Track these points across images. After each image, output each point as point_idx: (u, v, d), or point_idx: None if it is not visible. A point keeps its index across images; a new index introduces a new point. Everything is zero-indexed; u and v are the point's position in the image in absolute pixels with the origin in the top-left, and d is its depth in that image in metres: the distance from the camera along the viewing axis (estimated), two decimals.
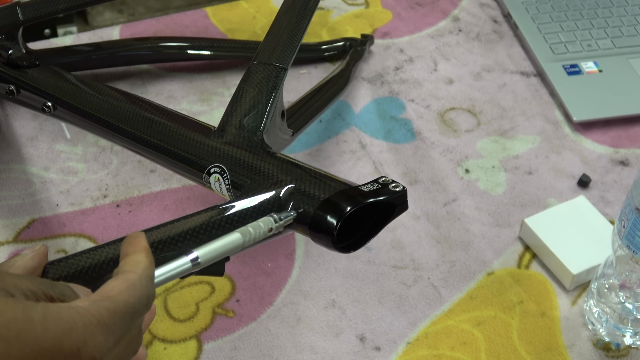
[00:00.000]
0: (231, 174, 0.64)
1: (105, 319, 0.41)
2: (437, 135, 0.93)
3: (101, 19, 1.92)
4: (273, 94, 0.71)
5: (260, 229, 0.55)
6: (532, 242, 0.81)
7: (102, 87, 0.79)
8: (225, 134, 0.68)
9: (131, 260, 0.46)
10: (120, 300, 0.43)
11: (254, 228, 0.54)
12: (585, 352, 0.74)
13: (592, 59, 1.02)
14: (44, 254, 0.48)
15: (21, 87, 0.81)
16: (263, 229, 0.55)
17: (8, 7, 0.81)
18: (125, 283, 0.44)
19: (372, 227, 0.60)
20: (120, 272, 0.45)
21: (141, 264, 0.46)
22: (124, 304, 0.43)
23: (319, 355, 0.73)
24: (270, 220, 0.56)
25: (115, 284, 0.44)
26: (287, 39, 0.75)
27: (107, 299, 0.42)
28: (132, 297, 0.43)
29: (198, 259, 0.50)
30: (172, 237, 0.54)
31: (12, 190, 0.85)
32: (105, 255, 0.52)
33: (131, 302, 0.43)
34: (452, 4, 1.11)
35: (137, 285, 0.44)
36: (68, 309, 0.40)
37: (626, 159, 0.92)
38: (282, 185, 0.60)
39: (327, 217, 0.57)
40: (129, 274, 0.45)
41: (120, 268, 0.46)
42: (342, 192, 0.59)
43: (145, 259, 0.46)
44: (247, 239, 0.54)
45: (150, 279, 0.46)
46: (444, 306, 0.77)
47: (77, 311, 0.40)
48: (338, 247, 0.58)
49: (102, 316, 0.41)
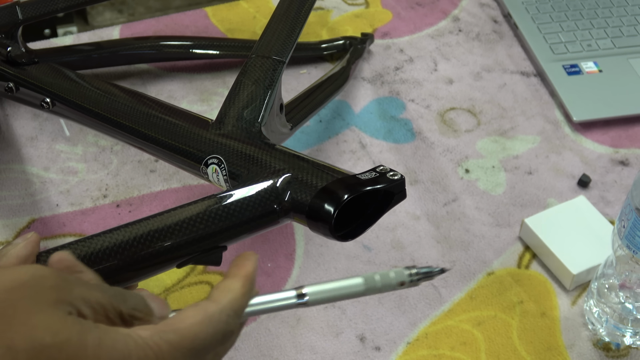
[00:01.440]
0: (229, 164, 0.64)
1: (165, 355, 0.38)
2: (437, 135, 0.93)
3: (101, 19, 1.92)
4: (271, 87, 0.71)
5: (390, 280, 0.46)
6: (532, 242, 0.81)
7: (100, 82, 0.79)
8: (223, 125, 0.68)
9: (223, 287, 0.42)
10: (188, 335, 0.39)
11: (382, 277, 0.46)
12: (585, 352, 0.74)
13: (592, 59, 1.02)
14: (36, 242, 0.46)
15: (20, 84, 0.81)
16: (393, 280, 0.46)
17: (8, 6, 0.81)
18: (202, 315, 0.40)
19: (370, 215, 0.60)
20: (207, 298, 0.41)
21: (231, 293, 0.41)
22: (191, 339, 0.39)
23: (319, 355, 0.73)
24: (403, 273, 0.47)
25: (190, 313, 0.40)
26: (286, 33, 0.75)
27: (172, 332, 0.38)
28: (204, 332, 0.39)
29: (306, 295, 0.45)
30: (168, 226, 0.54)
31: (12, 190, 0.85)
32: (100, 244, 0.51)
33: (201, 337, 0.39)
34: (452, 4, 1.11)
35: (215, 319, 0.40)
36: (126, 338, 0.37)
37: (626, 159, 0.92)
38: (280, 175, 0.60)
39: (324, 205, 0.57)
40: (211, 304, 0.40)
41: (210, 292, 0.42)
42: (340, 180, 0.59)
43: (238, 288, 0.42)
44: (369, 287, 0.46)
45: (236, 312, 0.41)
46: (444, 306, 0.77)
47: (135, 342, 0.37)
48: (336, 236, 0.58)
49: (161, 351, 0.37)
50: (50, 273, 0.38)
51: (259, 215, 0.58)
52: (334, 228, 0.57)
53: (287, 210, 0.59)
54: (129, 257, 0.52)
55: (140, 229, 0.53)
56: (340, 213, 0.56)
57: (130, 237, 0.53)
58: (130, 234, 0.53)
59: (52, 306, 0.36)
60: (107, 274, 0.48)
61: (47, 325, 0.35)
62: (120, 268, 0.52)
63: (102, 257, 0.51)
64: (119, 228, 0.53)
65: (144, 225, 0.54)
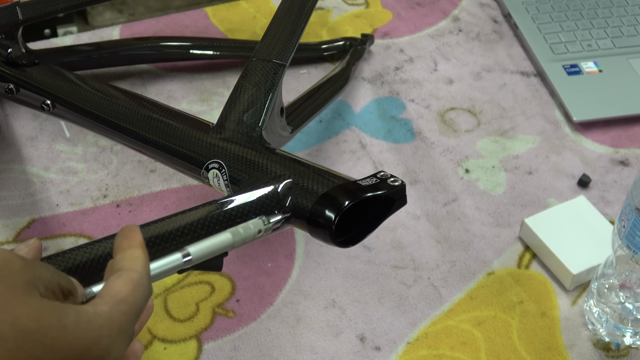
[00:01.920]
0: (229, 169, 0.64)
1: (124, 325, 0.41)
2: (437, 135, 0.93)
3: (101, 19, 1.92)
4: (272, 91, 0.71)
5: (250, 230, 0.56)
6: (532, 242, 0.81)
7: (101, 84, 0.79)
8: (224, 130, 0.68)
9: (129, 256, 0.45)
10: (131, 302, 0.43)
11: (244, 229, 0.55)
12: (585, 352, 0.74)
13: (592, 59, 1.02)
14: (38, 249, 0.47)
15: (20, 86, 0.81)
16: (252, 230, 0.56)
17: (8, 6, 0.81)
18: (132, 283, 0.43)
19: (371, 221, 0.60)
20: (120, 268, 0.45)
21: (140, 260, 0.45)
22: (134, 305, 0.43)
23: (319, 355, 0.73)
24: (259, 222, 0.56)
25: (121, 284, 0.43)
26: (286, 36, 0.75)
27: (121, 302, 0.42)
28: (139, 297, 0.43)
29: (190, 255, 0.51)
30: (169, 232, 0.54)
31: (12, 190, 0.85)
32: (101, 250, 0.51)
33: (139, 302, 0.43)
34: (452, 4, 1.11)
35: (140, 284, 0.44)
36: (95, 315, 0.40)
37: (626, 159, 0.92)
38: (281, 180, 0.60)
39: (325, 211, 0.57)
40: (132, 273, 0.44)
41: (117, 263, 0.45)
42: (341, 186, 0.59)
43: (142, 255, 0.46)
44: (236, 239, 0.55)
45: (149, 275, 0.46)
46: (444, 306, 0.77)
47: (102, 317, 0.40)
48: (336, 242, 0.58)
49: (121, 322, 0.41)
50: (13, 255, 0.40)
51: None
52: (335, 234, 0.57)
53: (288, 216, 0.59)
54: None
55: (143, 235, 0.53)
56: (341, 219, 0.56)
57: None
58: None
59: (25, 290, 0.38)
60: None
61: (27, 311, 0.37)
62: None
63: (105, 263, 0.51)
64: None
65: (145, 231, 0.54)
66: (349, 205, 0.56)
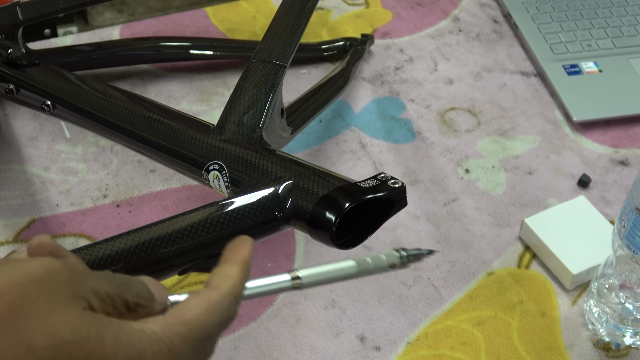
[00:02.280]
0: (230, 171, 0.64)
1: (177, 349, 0.38)
2: (437, 135, 0.93)
3: (101, 19, 1.92)
4: (272, 92, 0.71)
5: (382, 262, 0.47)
6: (532, 242, 0.81)
7: (101, 85, 0.79)
8: (224, 131, 0.68)
9: (222, 273, 0.42)
10: (196, 325, 0.39)
11: (373, 259, 0.47)
12: (585, 352, 0.74)
13: (592, 59, 1.02)
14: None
15: (20, 86, 0.81)
16: (385, 262, 0.47)
17: (8, 6, 0.81)
18: (206, 304, 0.40)
19: (371, 223, 0.60)
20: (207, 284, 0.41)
21: (230, 279, 0.41)
22: (199, 329, 0.39)
23: (319, 355, 0.73)
24: (394, 255, 0.47)
25: (194, 303, 0.40)
26: (287, 37, 0.75)
27: (182, 324, 0.39)
28: (210, 320, 0.40)
29: (300, 278, 0.44)
30: (170, 234, 0.54)
31: (12, 190, 0.85)
32: (103, 252, 0.51)
33: (207, 326, 0.40)
34: (452, 4, 1.11)
35: (219, 307, 0.40)
36: (140, 333, 0.37)
37: (626, 159, 0.92)
38: (281, 182, 0.60)
39: (325, 213, 0.57)
40: (213, 293, 0.41)
41: (210, 278, 0.42)
42: (341, 188, 0.59)
43: (237, 274, 0.42)
44: (361, 270, 0.46)
45: (236, 298, 0.42)
46: (444, 306, 0.77)
47: (148, 337, 0.37)
48: (337, 244, 0.58)
49: (174, 345, 0.38)
50: (63, 267, 0.38)
51: (260, 222, 0.58)
52: (335, 236, 0.57)
53: (289, 218, 0.59)
54: (131, 264, 0.52)
55: (143, 237, 0.54)
56: (342, 221, 0.56)
57: (132, 244, 0.53)
58: (132, 242, 0.53)
59: (68, 302, 0.36)
60: None
61: (65, 322, 0.35)
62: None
63: (105, 264, 0.51)
64: (121, 236, 0.53)
65: (146, 233, 0.54)
66: (349, 207, 0.56)
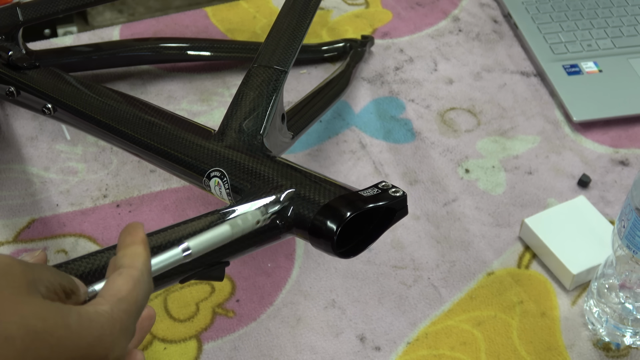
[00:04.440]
0: (231, 178, 0.64)
1: (125, 322, 0.42)
2: (437, 135, 0.93)
3: (101, 19, 1.92)
4: (273, 97, 0.70)
5: (248, 222, 0.54)
6: (532, 242, 0.81)
7: (102, 89, 0.79)
8: (226, 137, 0.68)
9: (130, 253, 0.46)
10: (132, 300, 0.43)
11: (242, 220, 0.54)
12: (585, 352, 0.74)
13: (592, 59, 1.02)
14: (43, 260, 0.48)
15: (21, 89, 0.81)
16: (251, 221, 0.55)
17: (8, 7, 0.81)
18: (132, 280, 0.44)
19: (372, 232, 0.60)
20: (121, 265, 0.45)
21: (140, 256, 0.45)
22: (135, 303, 0.43)
23: (319, 355, 0.73)
24: (257, 212, 0.55)
25: (122, 282, 0.44)
26: (288, 42, 0.75)
27: (121, 300, 0.42)
28: (139, 294, 0.44)
29: (189, 249, 0.50)
30: (171, 242, 0.54)
31: (12, 190, 0.85)
32: (105, 260, 0.51)
33: (139, 299, 0.44)
34: (452, 4, 1.11)
35: (141, 281, 0.44)
36: (96, 314, 0.41)
37: (626, 159, 0.92)
38: (282, 190, 0.60)
39: (327, 222, 0.57)
40: (132, 270, 0.44)
41: (118, 260, 0.46)
42: (342, 197, 0.59)
43: (143, 252, 0.46)
44: (235, 231, 0.53)
45: (149, 272, 0.46)
46: (444, 306, 0.77)
47: (104, 317, 0.41)
48: (338, 253, 0.58)
49: (122, 320, 0.42)
50: (11, 259, 0.40)
51: (261, 231, 0.58)
52: (336, 245, 0.57)
53: (290, 226, 0.59)
54: None
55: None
56: (343, 230, 0.56)
57: None
58: None
59: (27, 292, 0.39)
60: None
61: (33, 312, 0.38)
62: None
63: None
64: None
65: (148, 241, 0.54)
66: (350, 217, 0.56)
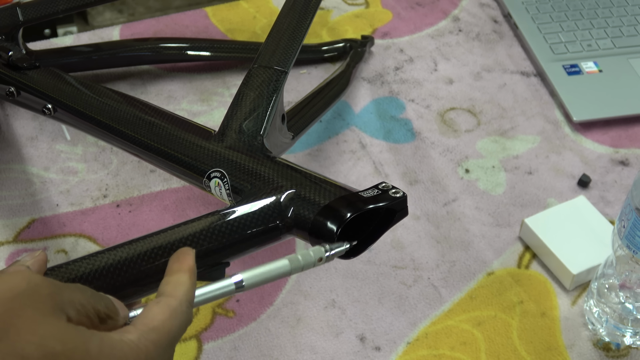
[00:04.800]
0: (231, 178, 0.64)
1: (152, 354, 0.41)
2: (437, 135, 0.93)
3: (101, 19, 1.92)
4: (273, 98, 0.70)
5: (310, 258, 0.53)
6: (532, 242, 0.81)
7: (103, 89, 0.79)
8: (226, 138, 0.68)
9: (174, 281, 0.45)
10: (164, 331, 0.42)
11: (303, 256, 0.53)
12: (585, 352, 0.74)
13: (592, 59, 1.02)
14: (43, 261, 0.47)
15: (21, 89, 0.81)
16: (313, 258, 0.53)
17: (8, 7, 0.81)
18: (168, 310, 0.43)
19: (372, 233, 0.60)
20: (161, 293, 0.44)
21: (183, 286, 0.45)
22: (167, 334, 0.42)
23: (319, 355, 0.73)
24: (321, 250, 0.54)
25: (157, 311, 0.43)
26: (288, 42, 0.75)
27: (152, 330, 0.42)
28: (174, 325, 0.43)
29: (243, 282, 0.49)
30: (172, 243, 0.54)
31: (12, 190, 0.86)
32: (105, 261, 0.51)
33: (173, 331, 0.43)
34: (452, 4, 1.11)
35: (179, 312, 0.44)
36: (120, 342, 0.40)
37: (626, 159, 0.92)
38: (283, 191, 0.60)
39: (327, 223, 0.57)
40: (171, 300, 0.44)
41: (161, 287, 0.45)
42: (342, 198, 0.59)
43: (187, 281, 0.45)
44: (294, 267, 0.52)
45: (190, 303, 0.45)
46: (444, 306, 0.77)
47: (128, 346, 0.40)
48: None
49: (149, 351, 0.41)
50: (42, 280, 0.40)
51: (262, 231, 0.58)
52: None
53: (290, 227, 0.59)
54: (133, 273, 0.52)
55: (145, 246, 0.53)
56: (343, 231, 0.57)
57: (134, 253, 0.53)
58: (134, 251, 0.53)
59: (52, 314, 0.39)
60: (111, 290, 0.48)
61: (54, 334, 0.38)
62: (124, 284, 0.52)
63: (107, 273, 0.51)
64: (123, 245, 0.53)
65: (148, 242, 0.53)
66: (351, 217, 0.56)
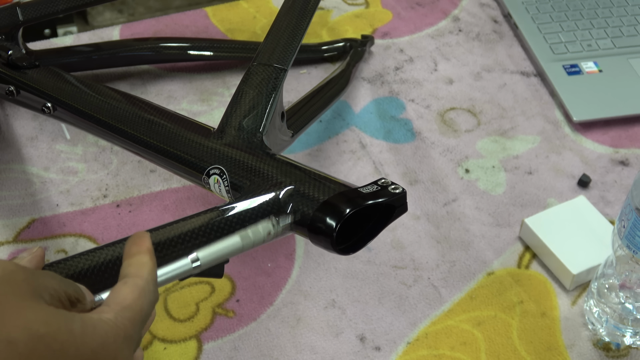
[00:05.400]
0: (230, 175, 0.64)
1: (129, 331, 0.42)
2: (437, 135, 0.93)
3: (101, 19, 1.92)
4: (273, 95, 0.71)
5: (259, 234, 0.56)
6: (532, 242, 0.81)
7: (102, 88, 0.79)
8: (225, 135, 0.68)
9: (136, 262, 0.46)
10: (136, 309, 0.43)
11: (253, 232, 0.55)
12: (585, 352, 0.74)
13: (592, 59, 1.02)
14: (41, 257, 0.48)
15: (21, 88, 0.81)
16: (262, 233, 0.56)
17: (8, 7, 0.81)
18: (137, 289, 0.44)
19: (372, 229, 0.60)
20: (126, 275, 0.45)
21: (146, 266, 0.46)
22: (139, 312, 0.44)
23: (319, 355, 0.73)
24: (268, 224, 0.57)
25: (127, 291, 0.44)
26: (287, 40, 0.75)
27: (126, 309, 0.43)
28: (144, 303, 0.44)
29: (198, 260, 0.51)
30: (172, 239, 0.54)
31: (12, 190, 0.85)
32: (104, 257, 0.51)
33: (145, 308, 0.44)
34: (452, 4, 1.11)
35: (146, 290, 0.45)
36: (100, 322, 0.41)
37: (626, 159, 0.92)
38: (282, 187, 0.60)
39: (326, 219, 0.57)
40: (137, 279, 0.45)
41: (124, 269, 0.46)
42: (342, 194, 0.59)
43: (149, 261, 0.46)
44: (246, 243, 0.54)
45: (155, 281, 0.46)
46: (444, 306, 0.77)
47: (107, 324, 0.41)
48: (337, 249, 0.58)
49: (127, 328, 0.42)
50: (15, 266, 0.41)
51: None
52: (336, 242, 0.57)
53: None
54: None
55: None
56: (342, 227, 0.57)
57: None
58: None
59: (31, 298, 0.39)
60: (110, 286, 0.48)
61: (37, 317, 0.38)
62: None
63: (106, 269, 0.51)
64: (122, 241, 0.53)
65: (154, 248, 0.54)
66: (350, 213, 0.56)
